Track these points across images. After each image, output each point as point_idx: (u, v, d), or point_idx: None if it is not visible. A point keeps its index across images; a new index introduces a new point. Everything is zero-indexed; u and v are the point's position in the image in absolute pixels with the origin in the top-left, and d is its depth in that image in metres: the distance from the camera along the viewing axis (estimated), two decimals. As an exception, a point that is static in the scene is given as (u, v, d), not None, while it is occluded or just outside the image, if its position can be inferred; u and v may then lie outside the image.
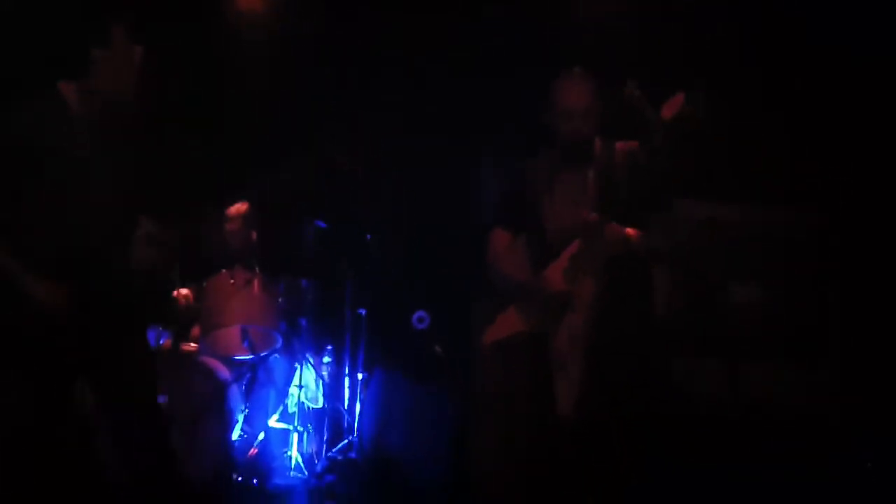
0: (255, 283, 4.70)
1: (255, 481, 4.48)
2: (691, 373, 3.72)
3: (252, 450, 4.61)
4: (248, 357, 4.74)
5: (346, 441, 5.10)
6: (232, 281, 4.67)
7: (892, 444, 3.56)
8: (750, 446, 3.53)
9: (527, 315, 3.27)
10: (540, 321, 3.24)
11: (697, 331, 3.52)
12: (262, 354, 4.76)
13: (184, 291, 4.85)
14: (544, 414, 3.16)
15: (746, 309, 3.68)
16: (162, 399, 4.32)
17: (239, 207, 5.14)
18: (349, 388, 5.28)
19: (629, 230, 3.21)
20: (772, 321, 3.83)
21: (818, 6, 4.11)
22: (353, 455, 5.00)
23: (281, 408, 4.94)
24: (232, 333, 4.74)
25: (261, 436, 4.71)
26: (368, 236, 5.31)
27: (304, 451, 4.93)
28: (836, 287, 3.88)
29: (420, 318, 5.29)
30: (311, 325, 5.13)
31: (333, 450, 5.07)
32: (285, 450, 4.86)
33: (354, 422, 5.12)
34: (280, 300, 4.83)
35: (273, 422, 4.88)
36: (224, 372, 4.59)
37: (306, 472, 4.78)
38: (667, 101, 3.03)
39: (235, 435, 4.58)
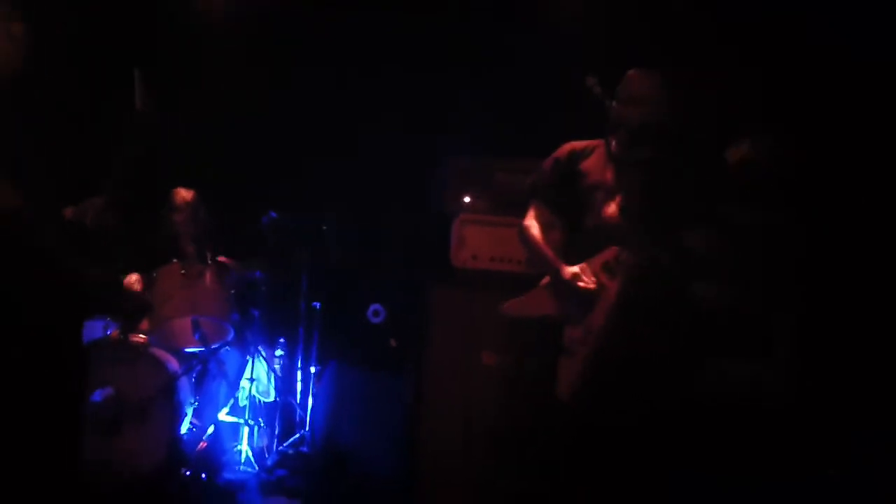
0: (207, 273, 4.63)
1: (203, 475, 4.41)
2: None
3: (201, 443, 4.54)
4: (199, 349, 4.66)
5: (297, 435, 5.04)
6: (183, 271, 4.59)
7: (850, 442, 3.61)
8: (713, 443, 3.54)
9: (556, 300, 3.28)
10: (563, 308, 3.26)
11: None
12: (214, 346, 4.68)
13: (133, 276, 4.69)
14: (544, 394, 3.19)
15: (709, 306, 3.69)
16: (109, 391, 4.27)
17: (185, 195, 5.03)
18: (302, 381, 5.22)
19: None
20: (732, 318, 3.84)
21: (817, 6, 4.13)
22: (304, 449, 4.95)
23: (232, 401, 4.87)
24: (183, 325, 4.65)
25: (211, 429, 4.63)
26: (324, 227, 5.25)
27: (255, 445, 4.87)
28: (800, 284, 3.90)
29: (375, 312, 5.24)
30: (263, 317, 5.07)
31: (285, 444, 5.01)
32: (235, 444, 4.80)
33: (307, 416, 5.07)
34: (232, 291, 4.75)
35: (223, 415, 4.80)
36: (174, 364, 4.50)
37: (257, 467, 4.72)
38: (732, 148, 3.07)
39: (184, 428, 4.50)
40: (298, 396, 5.18)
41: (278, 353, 5.25)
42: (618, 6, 4.76)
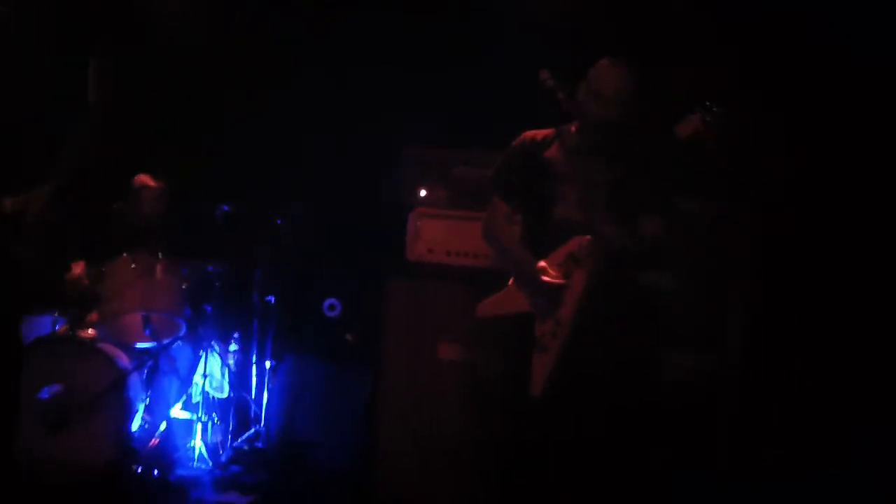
0: (158, 267, 4.56)
1: (156, 472, 4.34)
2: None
3: (153, 440, 4.46)
4: (149, 344, 4.59)
5: (252, 431, 4.98)
6: (133, 265, 4.51)
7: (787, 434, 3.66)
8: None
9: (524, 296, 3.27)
10: (532, 302, 3.24)
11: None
12: (165, 342, 4.61)
13: (78, 267, 4.59)
14: (518, 392, 3.18)
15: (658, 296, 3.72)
16: (57, 387, 4.18)
17: (149, 182, 4.94)
18: (256, 376, 5.16)
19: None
20: (682, 308, 3.87)
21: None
22: (259, 445, 4.89)
23: (184, 397, 4.79)
24: (133, 320, 4.57)
25: (163, 426, 4.56)
26: (279, 221, 5.19)
27: (209, 441, 4.80)
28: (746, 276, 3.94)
29: (331, 306, 5.20)
30: (217, 312, 4.98)
31: (239, 440, 4.95)
32: (189, 440, 4.73)
33: (261, 411, 5.01)
34: (184, 285, 4.68)
35: (176, 411, 4.72)
36: (124, 360, 4.43)
37: (210, 463, 4.66)
38: (683, 121, 3.09)
39: (136, 425, 4.42)
40: (253, 392, 5.12)
41: (232, 348, 5.18)
42: (617, 6, 4.74)
